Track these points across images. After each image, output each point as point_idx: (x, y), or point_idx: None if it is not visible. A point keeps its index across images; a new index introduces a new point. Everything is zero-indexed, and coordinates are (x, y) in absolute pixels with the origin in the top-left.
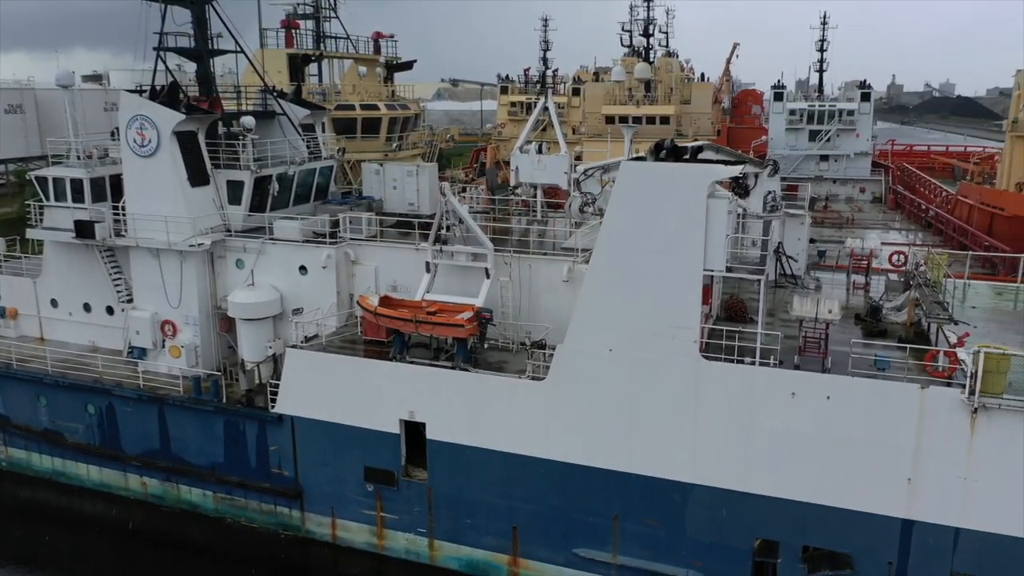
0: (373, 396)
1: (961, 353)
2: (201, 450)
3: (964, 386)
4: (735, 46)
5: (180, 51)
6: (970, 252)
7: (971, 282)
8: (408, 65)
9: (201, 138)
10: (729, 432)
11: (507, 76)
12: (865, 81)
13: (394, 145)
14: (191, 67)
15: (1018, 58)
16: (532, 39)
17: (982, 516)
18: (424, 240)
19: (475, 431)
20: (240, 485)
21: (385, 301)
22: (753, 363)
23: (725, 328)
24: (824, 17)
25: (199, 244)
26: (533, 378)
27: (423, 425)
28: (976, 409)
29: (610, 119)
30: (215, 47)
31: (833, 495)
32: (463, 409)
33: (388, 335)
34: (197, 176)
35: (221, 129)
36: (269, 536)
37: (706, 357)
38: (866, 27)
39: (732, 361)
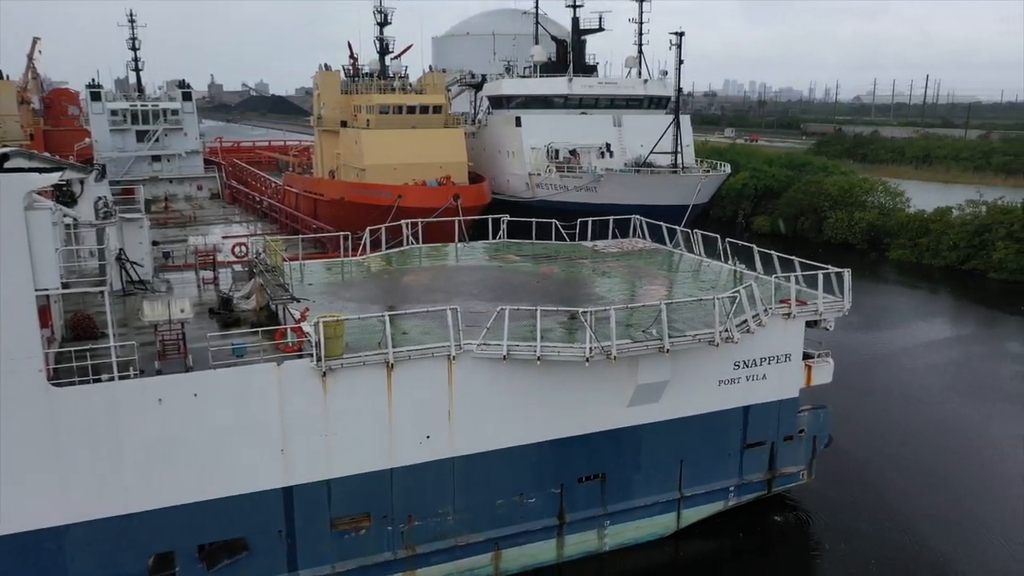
0: None
1: (306, 326)
2: None
3: (312, 355)
4: (36, 41)
5: None
6: (301, 236)
7: (306, 262)
8: None
9: None
10: (99, 456)
11: None
12: (184, 80)
13: None
14: None
15: (315, 62)
16: None
17: (343, 463)
18: None
19: None
20: None
21: None
22: (112, 379)
23: (74, 349)
24: (131, 15)
25: None
26: None
27: None
28: (325, 372)
29: None
30: None
31: (219, 487)
32: None
33: None
34: None
35: None
36: None
37: (56, 385)
38: (184, 27)
39: (88, 382)
